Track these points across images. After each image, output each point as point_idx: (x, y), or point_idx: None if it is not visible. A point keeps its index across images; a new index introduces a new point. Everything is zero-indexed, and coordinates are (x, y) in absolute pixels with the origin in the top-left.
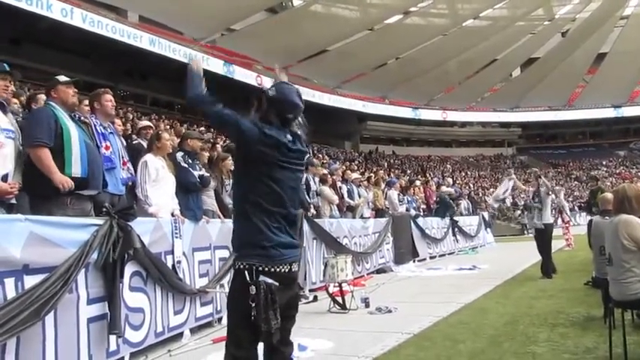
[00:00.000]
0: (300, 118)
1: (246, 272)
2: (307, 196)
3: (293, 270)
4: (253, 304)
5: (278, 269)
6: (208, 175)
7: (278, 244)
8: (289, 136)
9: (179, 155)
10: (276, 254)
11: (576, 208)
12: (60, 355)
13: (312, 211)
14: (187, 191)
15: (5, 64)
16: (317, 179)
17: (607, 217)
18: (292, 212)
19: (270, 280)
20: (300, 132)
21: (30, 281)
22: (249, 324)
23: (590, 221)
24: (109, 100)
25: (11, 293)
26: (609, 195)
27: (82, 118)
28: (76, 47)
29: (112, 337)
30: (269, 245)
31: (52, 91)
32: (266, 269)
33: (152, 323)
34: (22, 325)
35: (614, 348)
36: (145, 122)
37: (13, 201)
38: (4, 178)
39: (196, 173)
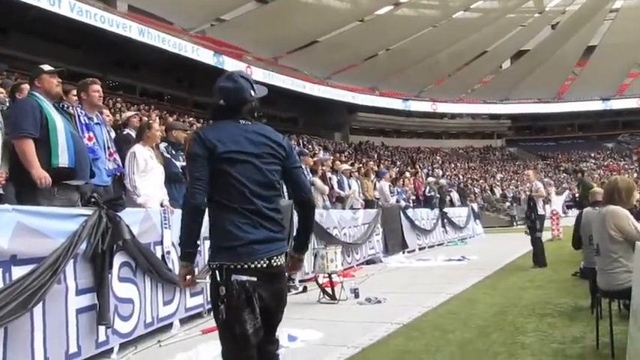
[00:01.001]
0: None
1: (217, 272)
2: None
3: (274, 264)
4: (222, 306)
5: (252, 265)
6: None
7: (249, 242)
8: (247, 126)
9: (162, 146)
10: (247, 251)
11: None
12: (48, 345)
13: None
14: (170, 181)
15: None
16: (308, 170)
17: (597, 208)
18: (265, 206)
19: (244, 277)
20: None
21: (18, 272)
22: (221, 325)
23: (580, 214)
24: (96, 90)
25: None
26: (599, 188)
27: (68, 108)
28: (65, 37)
29: (102, 328)
30: (238, 244)
31: (35, 81)
32: (238, 267)
33: (141, 314)
34: (10, 316)
35: (601, 337)
36: (129, 112)
37: (1, 191)
38: None
39: (179, 164)
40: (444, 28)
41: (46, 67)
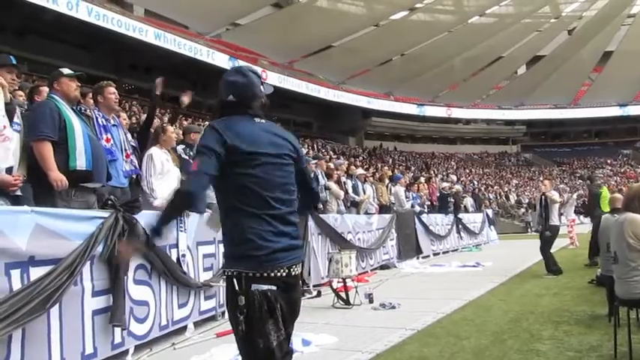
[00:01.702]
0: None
1: (234, 280)
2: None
3: (293, 273)
4: (241, 317)
5: (272, 274)
6: None
7: (272, 251)
8: (262, 124)
9: (180, 148)
10: (269, 260)
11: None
12: (65, 346)
13: (320, 206)
14: None
15: (12, 57)
16: (323, 174)
17: (615, 216)
18: (287, 211)
19: (265, 287)
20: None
21: (36, 273)
22: (241, 338)
23: (598, 224)
24: (112, 92)
25: (17, 285)
26: (618, 195)
27: (86, 110)
28: (81, 40)
29: (117, 330)
30: (261, 254)
31: (55, 84)
32: (257, 275)
33: (156, 316)
34: (28, 316)
35: (619, 346)
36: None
37: (19, 192)
38: (9, 170)
39: None
40: (459, 34)
41: (66, 71)
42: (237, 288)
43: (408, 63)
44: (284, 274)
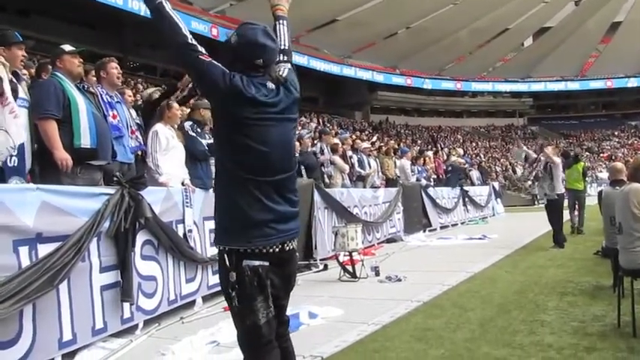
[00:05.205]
0: (280, 61)
1: (225, 256)
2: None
3: (287, 248)
4: (233, 293)
5: (265, 250)
6: None
7: (264, 222)
8: (269, 85)
9: (187, 124)
10: (261, 234)
11: None
12: (75, 322)
13: (326, 180)
14: (196, 160)
15: (17, 34)
16: (329, 148)
17: (617, 188)
18: (284, 177)
19: (257, 263)
20: (283, 74)
21: (43, 250)
22: (235, 314)
23: (600, 192)
24: (114, 67)
25: (25, 261)
26: (619, 164)
27: (89, 88)
28: (85, 19)
29: (126, 305)
30: (251, 224)
31: (57, 61)
32: (249, 251)
33: (165, 291)
34: (37, 292)
35: (623, 316)
36: (151, 89)
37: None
38: (21, 147)
39: (205, 142)
40: (465, 6)
41: (67, 48)
42: (228, 264)
43: (414, 36)
44: (277, 249)
